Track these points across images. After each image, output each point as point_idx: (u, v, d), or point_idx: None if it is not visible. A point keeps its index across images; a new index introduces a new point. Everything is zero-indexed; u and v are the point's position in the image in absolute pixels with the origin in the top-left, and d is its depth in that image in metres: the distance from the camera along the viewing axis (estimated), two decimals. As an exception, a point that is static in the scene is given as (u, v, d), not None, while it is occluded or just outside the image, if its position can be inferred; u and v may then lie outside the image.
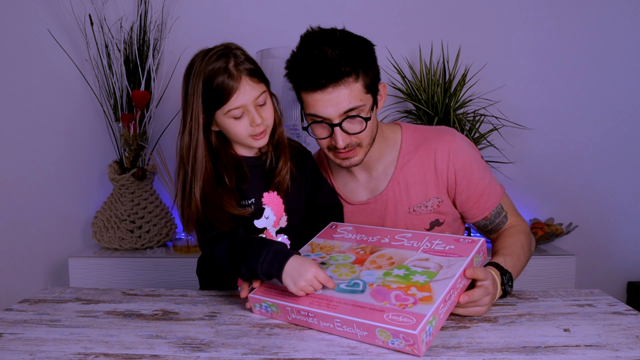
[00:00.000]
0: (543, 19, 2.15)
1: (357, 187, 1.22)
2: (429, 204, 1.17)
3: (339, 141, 1.06)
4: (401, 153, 1.18)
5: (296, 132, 2.00)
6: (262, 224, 1.06)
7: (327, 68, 1.00)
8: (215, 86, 0.97)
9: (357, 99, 1.04)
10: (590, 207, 2.22)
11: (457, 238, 0.94)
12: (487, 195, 1.17)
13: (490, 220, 1.18)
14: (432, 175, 1.16)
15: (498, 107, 2.08)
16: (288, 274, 0.88)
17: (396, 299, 0.80)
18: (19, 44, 2.15)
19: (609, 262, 2.24)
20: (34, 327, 0.87)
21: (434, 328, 0.76)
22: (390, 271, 0.88)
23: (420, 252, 0.93)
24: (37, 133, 2.18)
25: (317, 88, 1.02)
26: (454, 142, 1.15)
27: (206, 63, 0.99)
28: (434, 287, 0.81)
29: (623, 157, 2.21)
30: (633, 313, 0.91)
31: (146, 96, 1.97)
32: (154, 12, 2.08)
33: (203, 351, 0.77)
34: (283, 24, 2.15)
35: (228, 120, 1.01)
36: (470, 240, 0.92)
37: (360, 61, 1.03)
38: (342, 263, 0.95)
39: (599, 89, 2.18)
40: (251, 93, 0.99)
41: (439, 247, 0.93)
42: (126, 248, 1.99)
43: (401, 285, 0.83)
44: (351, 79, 1.02)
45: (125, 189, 2.00)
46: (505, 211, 1.18)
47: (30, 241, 2.21)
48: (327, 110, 1.03)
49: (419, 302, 0.78)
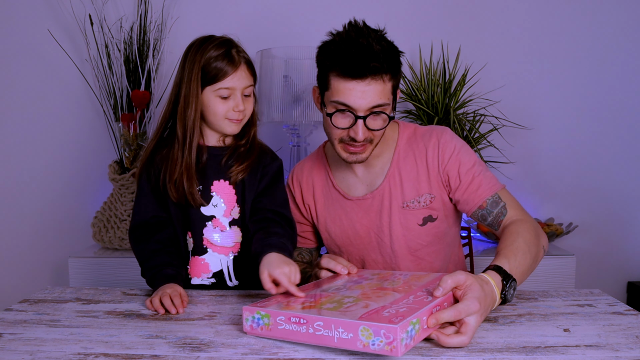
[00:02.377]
0: (543, 19, 2.15)
1: (355, 182, 1.24)
2: (422, 199, 1.18)
3: (359, 133, 1.07)
4: (397, 149, 1.20)
5: (296, 132, 2.01)
6: (209, 211, 1.12)
7: (372, 60, 1.03)
8: (215, 64, 1.07)
9: (386, 97, 1.07)
10: (590, 207, 2.22)
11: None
12: (478, 183, 1.15)
13: (487, 209, 1.14)
14: (424, 171, 1.18)
15: (498, 107, 2.08)
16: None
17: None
18: (19, 44, 2.15)
19: (609, 262, 2.24)
20: (34, 327, 0.87)
21: (416, 332, 0.73)
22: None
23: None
24: (36, 133, 2.18)
25: (356, 76, 1.03)
26: (442, 137, 1.18)
27: (209, 45, 1.08)
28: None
29: (623, 157, 2.21)
30: (633, 313, 0.91)
31: (146, 96, 1.97)
32: (154, 12, 2.08)
33: (203, 351, 0.77)
34: (283, 24, 2.16)
35: (215, 99, 1.08)
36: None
37: (395, 63, 1.08)
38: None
39: (599, 88, 2.18)
40: (244, 80, 1.09)
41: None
42: (126, 248, 1.99)
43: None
44: (387, 77, 1.06)
45: (125, 189, 2.00)
46: (503, 202, 1.15)
47: (30, 241, 2.21)
48: (358, 101, 1.05)
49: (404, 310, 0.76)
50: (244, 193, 1.14)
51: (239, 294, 1.07)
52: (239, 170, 1.12)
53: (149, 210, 1.13)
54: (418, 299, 0.82)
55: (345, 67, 1.03)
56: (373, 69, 1.03)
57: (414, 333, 0.72)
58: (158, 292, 0.99)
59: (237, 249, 1.14)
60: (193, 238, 1.13)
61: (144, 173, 1.14)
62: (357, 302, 0.82)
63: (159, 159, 1.13)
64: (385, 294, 0.87)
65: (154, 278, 1.05)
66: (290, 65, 1.86)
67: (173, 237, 1.14)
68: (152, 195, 1.14)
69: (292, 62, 1.86)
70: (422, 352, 0.75)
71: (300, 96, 1.86)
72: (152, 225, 1.13)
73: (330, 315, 0.76)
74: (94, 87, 2.11)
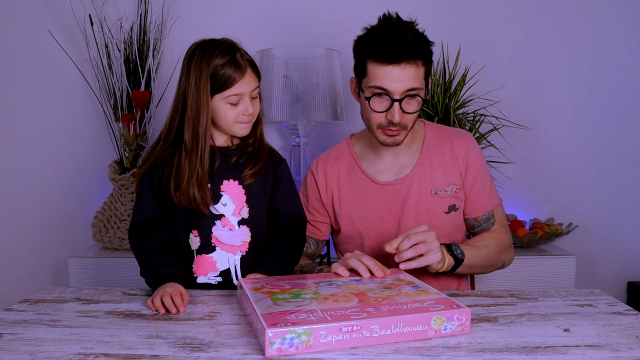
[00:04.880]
0: (543, 19, 2.15)
1: (384, 169, 1.29)
2: (449, 189, 1.26)
3: (395, 115, 1.14)
4: (425, 142, 1.29)
5: (296, 132, 2.01)
6: (219, 210, 1.12)
7: (406, 45, 1.10)
8: (223, 72, 1.07)
9: (419, 81, 1.14)
10: (590, 207, 2.22)
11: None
12: (484, 198, 1.27)
13: (479, 222, 1.28)
14: (453, 163, 1.26)
15: (498, 107, 2.08)
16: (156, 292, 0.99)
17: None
18: (19, 44, 2.15)
19: (609, 262, 2.24)
20: (34, 327, 0.87)
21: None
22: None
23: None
24: (37, 133, 2.18)
25: (392, 61, 1.10)
26: (471, 142, 1.28)
27: (213, 51, 1.08)
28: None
29: (623, 156, 2.21)
30: (633, 313, 0.91)
31: (146, 96, 1.97)
32: (154, 12, 2.08)
33: (203, 351, 0.77)
34: (283, 24, 2.15)
35: (224, 106, 1.09)
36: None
37: (427, 51, 1.15)
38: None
39: (599, 88, 2.18)
40: (251, 84, 1.10)
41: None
42: (126, 248, 1.99)
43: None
44: (420, 62, 1.13)
45: (125, 189, 2.00)
46: (494, 219, 1.29)
47: (30, 241, 2.21)
48: (394, 84, 1.12)
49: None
50: (253, 193, 1.15)
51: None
52: (251, 173, 1.13)
53: (149, 210, 1.13)
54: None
55: (382, 52, 1.11)
56: (407, 54, 1.10)
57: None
58: (159, 291, 0.99)
59: (245, 249, 1.14)
60: (200, 236, 1.13)
61: (146, 175, 1.14)
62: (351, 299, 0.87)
63: (159, 164, 1.13)
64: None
65: (154, 277, 1.05)
66: (290, 65, 1.86)
67: (173, 237, 1.14)
68: (152, 196, 1.14)
69: (292, 62, 1.86)
70: (422, 352, 0.75)
71: (300, 96, 1.86)
72: (152, 225, 1.13)
73: (382, 314, 0.79)
74: (94, 87, 2.11)
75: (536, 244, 2.04)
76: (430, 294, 0.89)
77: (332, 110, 1.92)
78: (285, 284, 0.96)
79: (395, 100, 1.13)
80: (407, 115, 1.16)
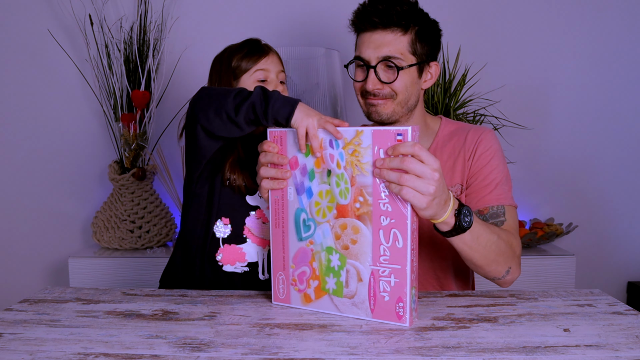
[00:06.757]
0: (543, 19, 2.15)
1: None
2: (453, 189, 1.21)
3: (368, 83, 1.11)
4: (436, 139, 1.24)
5: (296, 132, 2.00)
6: (254, 201, 1.12)
7: (383, 11, 1.08)
8: (248, 52, 1.12)
9: (398, 52, 1.09)
10: (590, 207, 2.22)
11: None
12: (491, 188, 1.15)
13: (485, 217, 1.14)
14: (460, 162, 1.20)
15: (498, 107, 2.08)
16: (302, 112, 0.88)
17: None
18: (19, 44, 2.15)
19: (609, 262, 2.24)
20: (33, 327, 0.87)
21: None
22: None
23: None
24: (37, 133, 2.18)
25: (367, 28, 1.10)
26: (485, 134, 1.20)
27: (233, 47, 1.14)
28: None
29: (624, 157, 2.21)
30: (633, 313, 0.91)
31: (146, 96, 1.97)
32: (154, 12, 2.08)
33: (203, 351, 0.77)
34: (283, 24, 2.15)
35: (253, 84, 1.10)
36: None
37: (416, 22, 1.10)
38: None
39: (600, 88, 2.18)
40: (277, 65, 1.15)
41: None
42: (126, 248, 1.99)
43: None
44: (399, 30, 1.09)
45: (125, 189, 2.00)
46: (504, 218, 1.14)
47: (30, 241, 2.21)
48: (368, 51, 1.10)
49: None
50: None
51: (239, 294, 1.07)
52: None
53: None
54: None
55: (360, 20, 1.11)
56: (383, 19, 1.08)
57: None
58: (303, 114, 0.88)
59: None
60: (232, 225, 1.13)
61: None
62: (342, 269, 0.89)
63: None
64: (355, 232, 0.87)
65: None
66: (290, 65, 1.86)
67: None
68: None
69: (292, 62, 1.86)
70: (422, 352, 0.75)
71: (300, 96, 1.86)
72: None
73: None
74: (94, 87, 2.11)
75: (536, 244, 2.04)
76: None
77: (332, 110, 1.92)
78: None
79: (370, 67, 1.11)
80: (386, 86, 1.11)
